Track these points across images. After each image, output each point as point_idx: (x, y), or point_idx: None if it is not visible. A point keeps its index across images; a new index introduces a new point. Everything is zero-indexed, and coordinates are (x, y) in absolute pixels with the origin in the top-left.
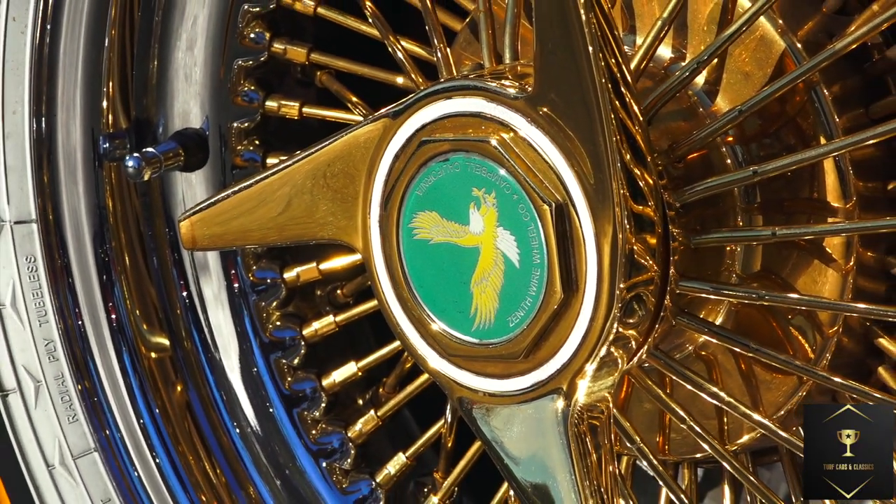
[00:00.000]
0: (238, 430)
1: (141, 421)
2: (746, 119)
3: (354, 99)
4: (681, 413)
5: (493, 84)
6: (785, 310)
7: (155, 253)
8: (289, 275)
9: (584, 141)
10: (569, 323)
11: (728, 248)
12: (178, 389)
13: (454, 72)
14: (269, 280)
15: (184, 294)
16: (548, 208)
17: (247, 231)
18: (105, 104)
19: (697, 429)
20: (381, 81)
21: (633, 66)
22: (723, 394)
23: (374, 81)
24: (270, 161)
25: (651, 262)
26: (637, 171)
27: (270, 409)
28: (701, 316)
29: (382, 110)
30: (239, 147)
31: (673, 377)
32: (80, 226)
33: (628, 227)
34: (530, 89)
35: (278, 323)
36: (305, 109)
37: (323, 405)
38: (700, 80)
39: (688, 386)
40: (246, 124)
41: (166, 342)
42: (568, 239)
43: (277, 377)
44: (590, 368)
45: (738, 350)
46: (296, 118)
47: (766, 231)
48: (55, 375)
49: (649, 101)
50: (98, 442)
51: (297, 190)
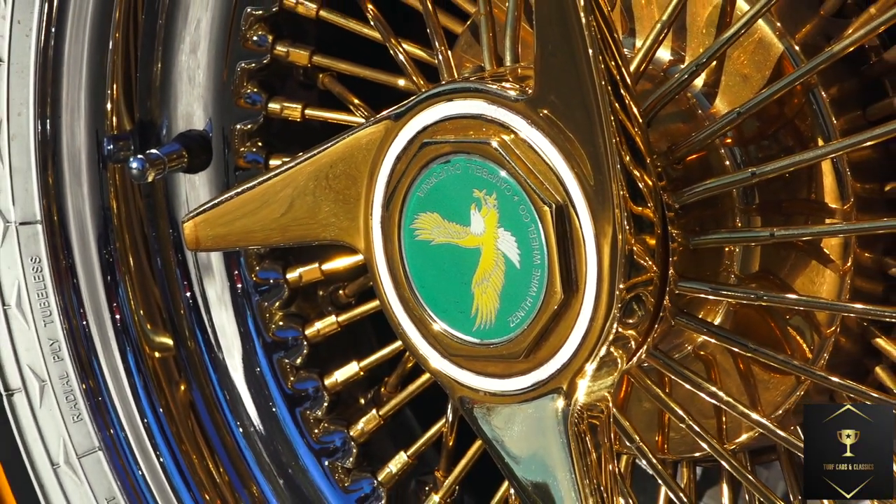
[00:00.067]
0: (241, 430)
1: (145, 420)
2: (745, 121)
3: (356, 101)
4: (680, 412)
5: (494, 86)
6: (783, 310)
7: (159, 254)
8: (291, 275)
9: (584, 142)
10: (569, 323)
11: (727, 249)
12: (182, 389)
13: (455, 74)
14: (272, 280)
15: (187, 294)
16: (548, 209)
17: (250, 232)
18: (109, 106)
19: (696, 428)
20: (383, 84)
21: (633, 69)
22: (721, 393)
23: (376, 84)
24: (273, 163)
25: (650, 263)
26: (637, 173)
27: (273, 409)
28: (700, 316)
29: (384, 112)
30: (242, 149)
31: (672, 377)
32: (85, 227)
33: (628, 228)
34: (531, 91)
35: (281, 323)
36: (308, 111)
37: (325, 404)
38: (699, 83)
39: (687, 385)
40: (249, 126)
41: (170, 342)
42: (568, 240)
43: (280, 377)
44: (590, 368)
45: (737, 350)
46: (298, 120)
47: (765, 232)
48: (60, 375)
49: (649, 103)
50: (102, 441)
51: (300, 191)
